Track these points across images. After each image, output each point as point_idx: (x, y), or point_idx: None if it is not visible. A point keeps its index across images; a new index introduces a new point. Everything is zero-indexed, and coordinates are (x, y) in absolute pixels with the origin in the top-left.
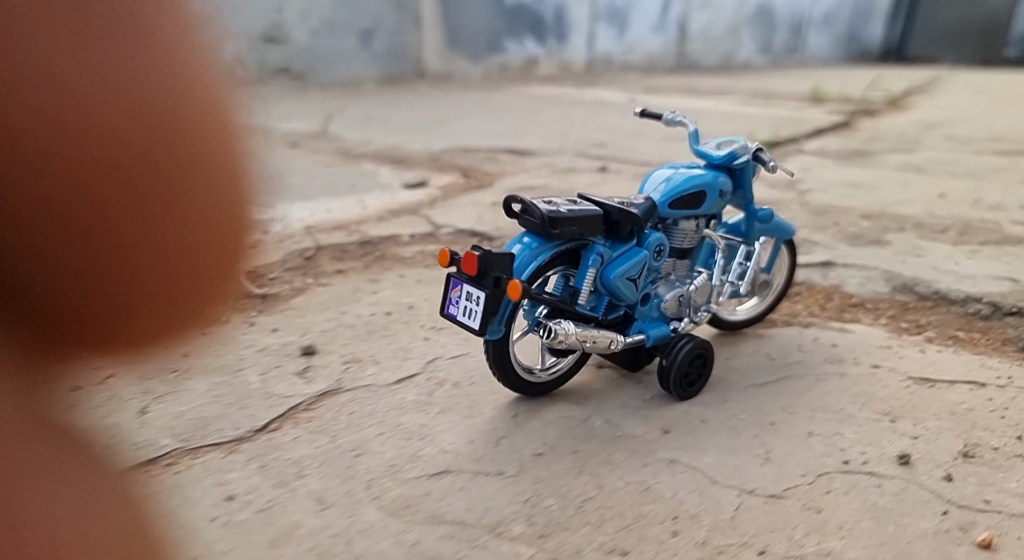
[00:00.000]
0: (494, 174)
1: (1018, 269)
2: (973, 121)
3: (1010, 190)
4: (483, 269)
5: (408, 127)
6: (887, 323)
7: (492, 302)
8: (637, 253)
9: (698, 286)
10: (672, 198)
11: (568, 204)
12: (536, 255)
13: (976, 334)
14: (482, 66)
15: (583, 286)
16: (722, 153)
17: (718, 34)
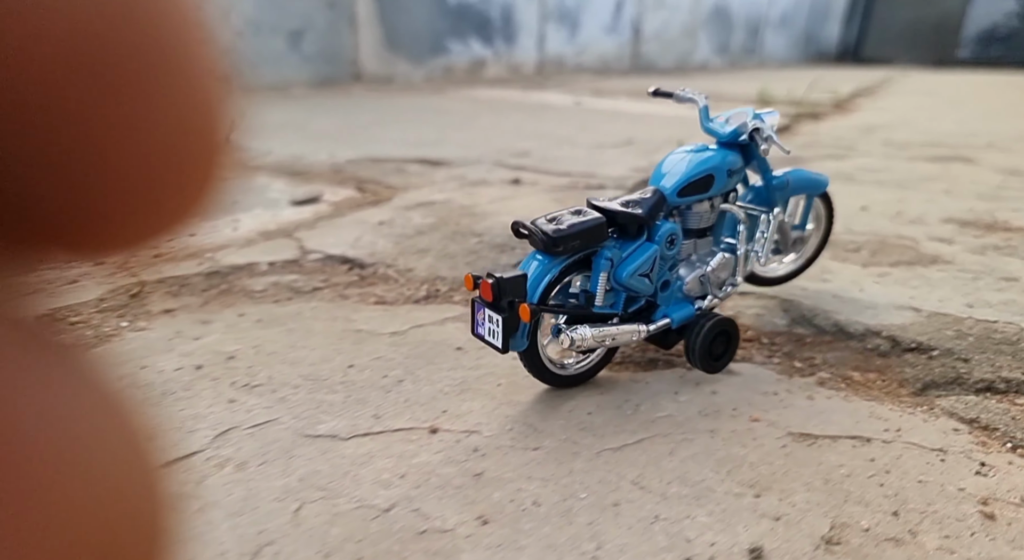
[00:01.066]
0: (396, 188)
1: (924, 295)
2: (914, 124)
3: (934, 201)
4: (498, 295)
5: (323, 135)
6: (780, 362)
7: (510, 324)
8: (647, 249)
9: (715, 265)
10: (680, 187)
11: (571, 217)
12: (546, 272)
13: (872, 374)
14: (425, 68)
15: (597, 290)
16: (727, 130)
17: (674, 35)
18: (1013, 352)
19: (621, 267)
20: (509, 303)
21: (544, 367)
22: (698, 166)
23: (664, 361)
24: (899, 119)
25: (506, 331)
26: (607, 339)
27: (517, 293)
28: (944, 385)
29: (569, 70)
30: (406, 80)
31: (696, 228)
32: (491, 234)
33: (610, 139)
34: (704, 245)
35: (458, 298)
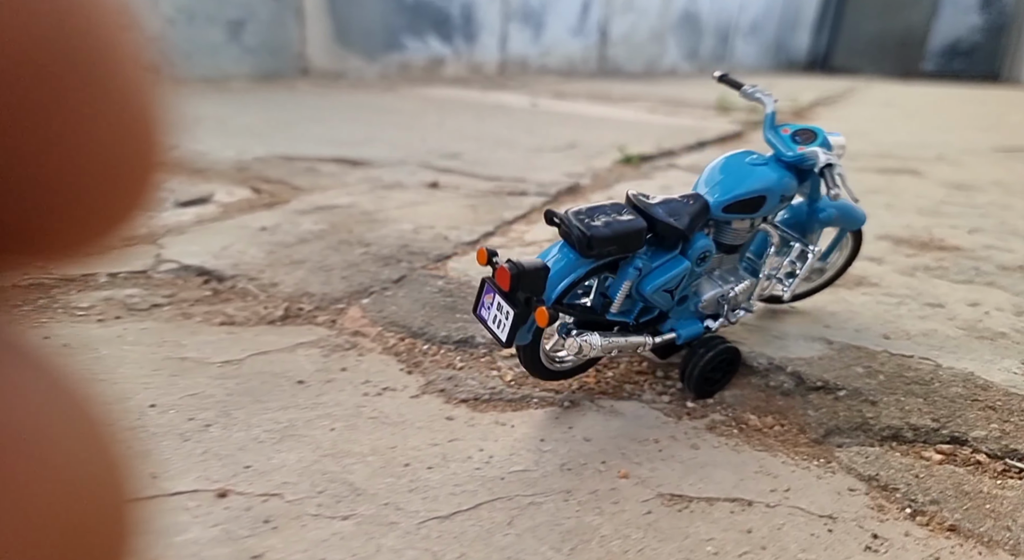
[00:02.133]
0: (301, 189)
1: (840, 324)
2: (869, 135)
3: (873, 216)
4: (515, 286)
5: (243, 130)
6: (671, 400)
7: (520, 320)
8: (678, 264)
9: (741, 290)
10: (728, 203)
11: (612, 215)
12: (570, 271)
13: (770, 417)
14: (379, 65)
15: (616, 298)
16: (794, 153)
17: (642, 39)
18: (925, 394)
19: (648, 279)
20: (526, 299)
21: (540, 363)
22: (753, 184)
23: (539, 399)
24: (855, 129)
25: (515, 326)
26: (614, 349)
27: (535, 288)
28: (847, 432)
29: (533, 71)
30: (358, 76)
31: (729, 244)
32: (381, 244)
33: (553, 142)
34: (730, 261)
35: (322, 318)
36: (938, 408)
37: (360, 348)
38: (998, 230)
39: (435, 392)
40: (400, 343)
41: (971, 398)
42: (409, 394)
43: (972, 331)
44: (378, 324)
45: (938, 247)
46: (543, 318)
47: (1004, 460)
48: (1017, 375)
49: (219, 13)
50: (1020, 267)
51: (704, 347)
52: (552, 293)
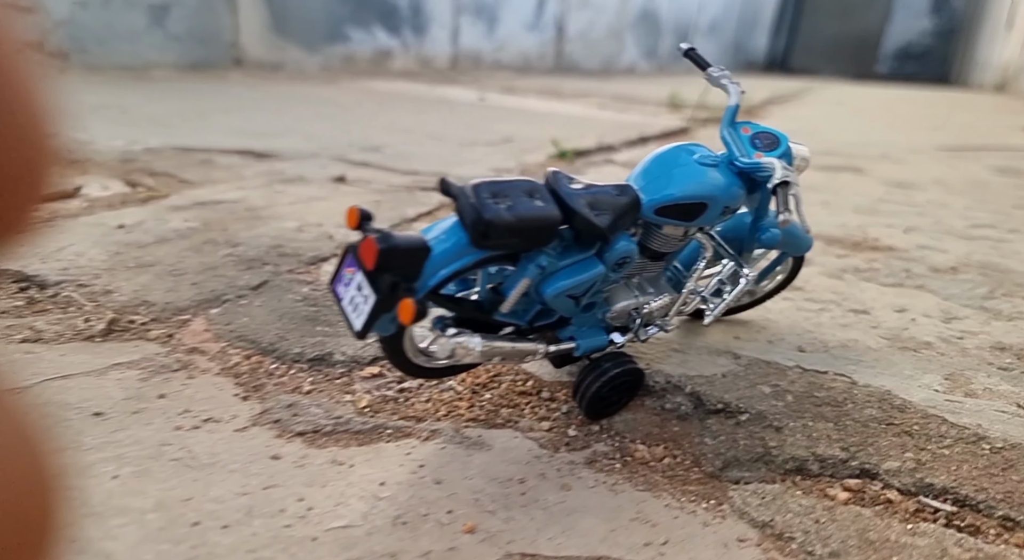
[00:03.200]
0: (187, 183)
1: (752, 335)
2: (817, 132)
3: (808, 214)
4: (382, 265)
5: (146, 120)
6: (551, 428)
7: (381, 308)
8: (590, 267)
9: (658, 306)
10: (663, 205)
11: (521, 198)
12: (457, 257)
13: (662, 447)
14: (320, 56)
15: (510, 296)
16: (749, 160)
17: (599, 37)
18: (836, 417)
19: (552, 280)
20: (392, 284)
21: (404, 356)
22: (696, 188)
23: (393, 429)
24: (804, 127)
25: (372, 315)
26: (496, 356)
27: (408, 271)
28: (747, 464)
29: (486, 66)
30: (297, 68)
31: (655, 250)
32: (252, 245)
33: (489, 137)
34: (653, 270)
35: (156, 333)
36: (849, 435)
37: (192, 369)
38: (934, 229)
39: (268, 423)
40: (244, 362)
41: (886, 422)
42: (235, 426)
43: (895, 341)
44: (223, 339)
45: (871, 247)
46: (408, 313)
47: (917, 498)
48: (938, 393)
49: None
50: (952, 268)
51: (608, 363)
52: (429, 281)
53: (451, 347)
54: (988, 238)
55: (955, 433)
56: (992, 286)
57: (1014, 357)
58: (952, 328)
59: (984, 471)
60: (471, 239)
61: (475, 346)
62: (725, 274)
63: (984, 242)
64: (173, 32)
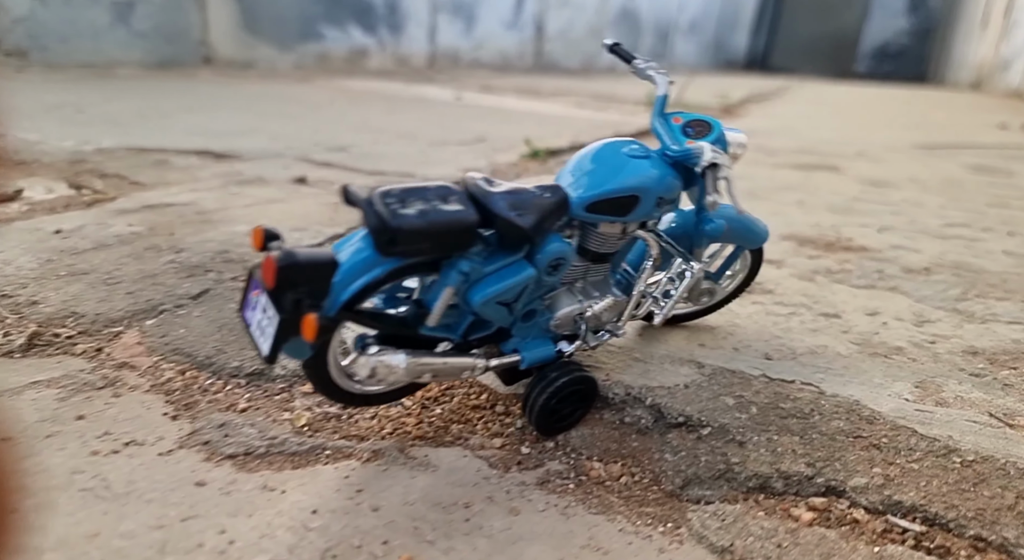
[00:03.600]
0: (139, 185)
1: (717, 342)
2: (794, 131)
3: (782, 214)
4: (283, 283)
5: (103, 119)
6: (504, 444)
7: (287, 329)
8: (519, 271)
9: (603, 308)
10: (592, 200)
11: (433, 202)
12: (367, 268)
13: (619, 464)
14: (294, 55)
15: (434, 308)
16: (678, 147)
17: (579, 35)
18: (802, 430)
19: (478, 288)
20: (295, 302)
21: (332, 381)
22: (625, 180)
23: (333, 450)
24: (782, 126)
25: (278, 337)
26: (426, 373)
27: (315, 288)
28: (708, 482)
29: (465, 65)
30: (270, 66)
31: (596, 251)
32: (197, 251)
33: (462, 136)
34: (598, 273)
35: (83, 347)
36: (815, 449)
37: (119, 386)
38: (908, 228)
39: (196, 446)
40: (177, 377)
41: (854, 435)
42: (159, 450)
43: (866, 346)
44: (156, 353)
45: (844, 247)
46: (310, 329)
47: (885, 517)
48: (908, 402)
49: None
50: (925, 269)
51: (555, 373)
52: (340, 296)
53: (371, 366)
54: (962, 237)
55: (925, 446)
56: (965, 287)
57: (986, 362)
58: (924, 332)
59: (955, 487)
60: (378, 247)
61: (398, 363)
62: (674, 271)
63: (958, 241)
64: (138, 29)
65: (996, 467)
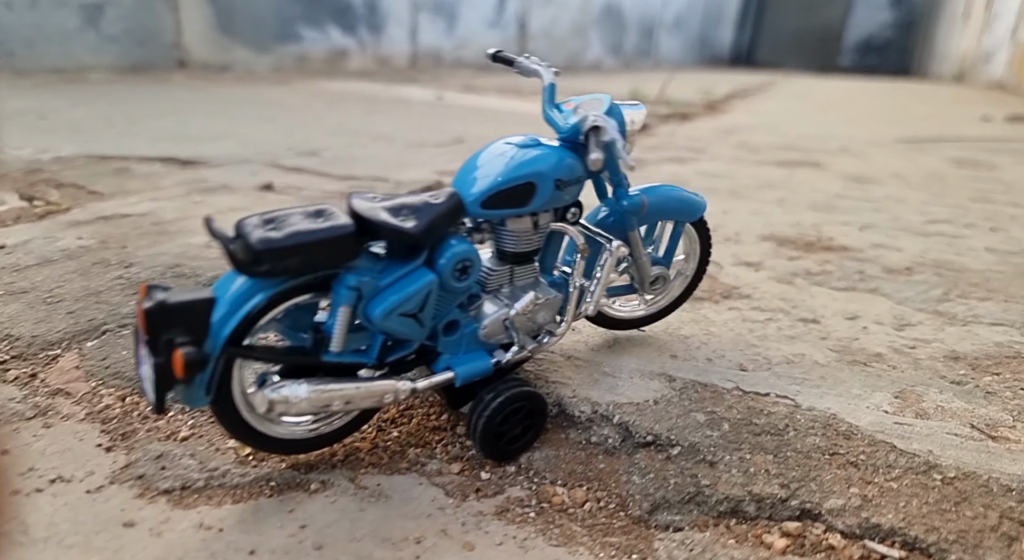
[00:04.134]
0: (97, 194)
1: (689, 353)
2: (777, 126)
3: (762, 213)
4: (156, 329)
5: (66, 126)
6: (463, 470)
7: (164, 374)
8: (419, 279)
9: (523, 306)
10: (485, 196)
11: (300, 221)
12: (245, 299)
13: (584, 489)
14: (271, 56)
15: (334, 331)
16: (569, 123)
17: (563, 33)
18: (776, 448)
19: (375, 302)
20: (168, 344)
21: (247, 425)
22: (515, 170)
23: (279, 482)
24: (765, 121)
25: (159, 383)
26: (336, 402)
27: (192, 327)
28: (677, 506)
29: (447, 65)
30: (247, 69)
31: (514, 251)
32: (148, 265)
33: (439, 137)
34: (525, 274)
35: (16, 373)
36: (790, 468)
37: (51, 415)
38: (890, 226)
39: (130, 480)
40: (116, 404)
41: (830, 451)
42: (88, 486)
43: (845, 354)
44: (95, 377)
45: (825, 247)
46: (178, 365)
47: (863, 542)
48: (887, 414)
49: None
50: (906, 269)
51: (490, 395)
52: (221, 333)
53: (268, 400)
54: (944, 234)
55: (904, 462)
56: (947, 287)
57: (968, 368)
58: (905, 336)
59: (935, 507)
60: (247, 272)
61: (300, 395)
62: (602, 257)
63: (940, 239)
64: (109, 33)
65: (978, 484)
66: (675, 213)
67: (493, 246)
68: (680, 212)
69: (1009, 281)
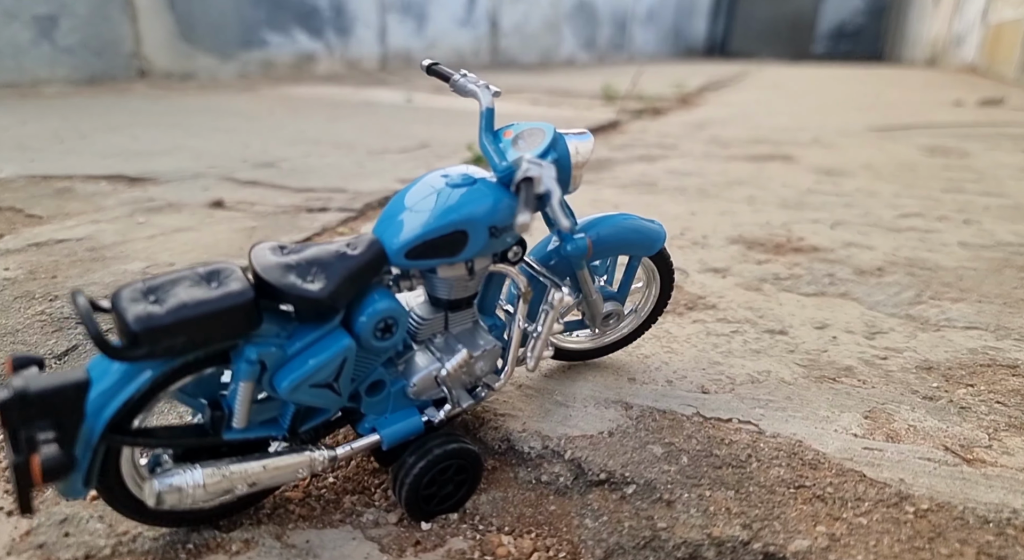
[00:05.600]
0: (34, 218)
1: (649, 375)
2: (749, 119)
3: (731, 213)
4: (14, 422)
5: (6, 146)
6: (392, 521)
7: (23, 476)
8: (332, 345)
9: (455, 365)
10: (409, 246)
11: (195, 288)
12: (129, 379)
13: (531, 536)
14: (236, 63)
15: (236, 406)
16: (505, 164)
17: (535, 30)
18: (738, 482)
19: (282, 373)
20: (29, 440)
21: (139, 504)
22: (442, 217)
23: (197, 544)
24: (737, 114)
25: (20, 486)
26: (240, 485)
27: (63, 416)
28: (631, 552)
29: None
30: (211, 77)
31: (448, 299)
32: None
33: (404, 143)
34: (462, 320)
35: None
36: (752, 505)
37: None
38: (861, 222)
39: (29, 549)
40: None
41: (795, 484)
42: None
43: (812, 368)
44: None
45: (794, 249)
46: (36, 472)
47: None
48: (857, 438)
49: (20, 8)
50: (878, 269)
51: (413, 454)
52: (98, 421)
53: (156, 492)
54: (916, 229)
55: (874, 493)
56: (919, 288)
57: (941, 379)
58: (876, 345)
59: (908, 544)
60: (122, 359)
61: (195, 482)
62: (546, 300)
63: (912, 234)
64: (64, 45)
65: (953, 516)
66: (629, 247)
67: (425, 292)
68: (635, 245)
69: (982, 279)
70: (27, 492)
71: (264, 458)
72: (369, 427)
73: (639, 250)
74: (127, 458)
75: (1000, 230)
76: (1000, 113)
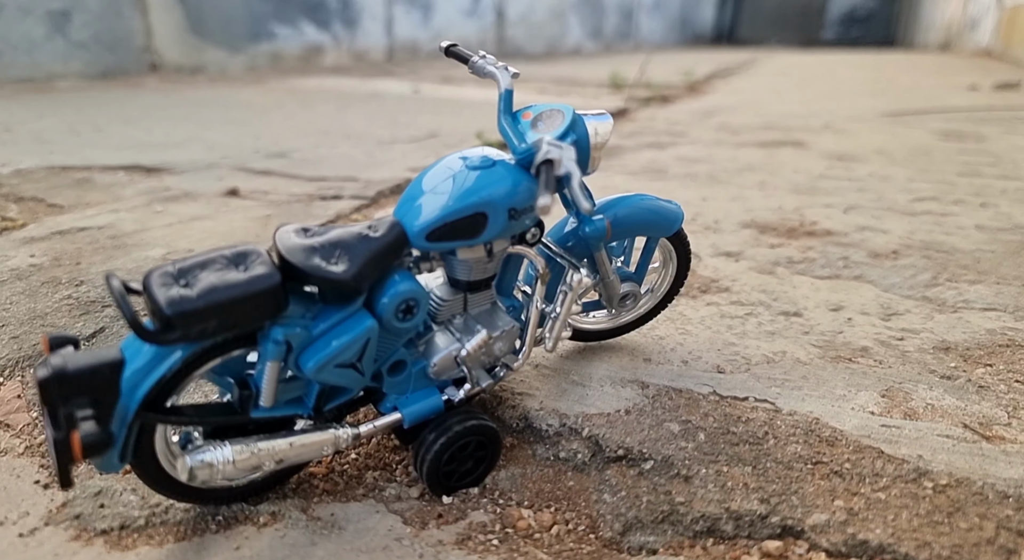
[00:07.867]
0: (56, 208)
1: (665, 355)
2: (759, 105)
3: (742, 198)
4: (55, 397)
5: (25, 139)
6: (423, 494)
7: (64, 451)
8: (356, 326)
9: (475, 345)
10: (431, 228)
11: (216, 273)
12: (155, 363)
13: (551, 510)
14: (245, 56)
15: (263, 385)
16: (524, 146)
17: (541, 19)
18: (755, 459)
19: (308, 353)
20: (68, 417)
21: (171, 480)
22: (462, 199)
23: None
24: (746, 101)
25: (61, 461)
26: (268, 462)
27: (100, 394)
28: (650, 526)
29: (425, 56)
30: (220, 70)
31: (467, 280)
32: (97, 283)
33: (412, 132)
34: (480, 302)
35: None
36: (770, 481)
37: None
38: (875, 206)
39: (66, 521)
40: None
41: (813, 460)
42: (21, 529)
43: (828, 349)
44: (38, 407)
45: (807, 232)
46: (76, 448)
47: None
48: (874, 416)
49: (34, 3)
50: (893, 252)
51: (432, 431)
52: (132, 399)
53: (188, 468)
54: (931, 213)
55: (892, 469)
56: (935, 271)
57: (959, 359)
58: (892, 327)
59: (927, 519)
60: (156, 342)
61: (224, 458)
62: (564, 281)
63: (927, 218)
64: (77, 39)
65: (972, 492)
66: (647, 228)
67: (444, 274)
68: (653, 226)
69: (1000, 261)
70: (67, 467)
71: (290, 435)
72: (391, 406)
73: (657, 231)
74: (160, 435)
75: (1018, 213)
76: (1017, 97)
